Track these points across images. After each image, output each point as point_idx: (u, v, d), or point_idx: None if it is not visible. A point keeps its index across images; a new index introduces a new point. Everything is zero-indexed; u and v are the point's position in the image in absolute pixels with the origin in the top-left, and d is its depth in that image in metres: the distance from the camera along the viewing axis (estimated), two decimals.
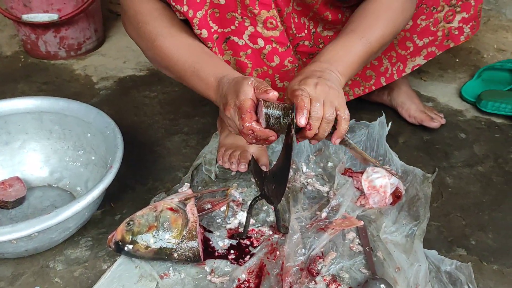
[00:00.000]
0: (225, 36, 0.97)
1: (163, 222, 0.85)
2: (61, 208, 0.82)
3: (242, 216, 0.99)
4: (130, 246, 0.85)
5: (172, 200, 0.90)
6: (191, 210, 0.89)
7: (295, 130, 0.76)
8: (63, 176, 1.08)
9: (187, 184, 1.05)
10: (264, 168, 1.08)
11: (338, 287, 0.84)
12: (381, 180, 1.00)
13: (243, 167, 1.09)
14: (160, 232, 0.85)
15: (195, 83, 0.89)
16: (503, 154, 1.20)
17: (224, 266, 0.88)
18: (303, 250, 0.89)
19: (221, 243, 0.93)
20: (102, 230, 0.97)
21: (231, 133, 1.11)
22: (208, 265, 0.88)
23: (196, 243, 0.85)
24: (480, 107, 1.34)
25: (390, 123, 1.19)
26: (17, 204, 1.02)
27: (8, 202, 1.00)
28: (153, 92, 1.47)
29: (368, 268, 0.87)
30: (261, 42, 0.98)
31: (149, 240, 0.84)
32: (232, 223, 0.98)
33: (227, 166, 1.12)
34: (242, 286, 0.84)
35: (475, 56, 1.67)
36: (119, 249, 0.86)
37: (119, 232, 0.86)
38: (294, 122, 0.75)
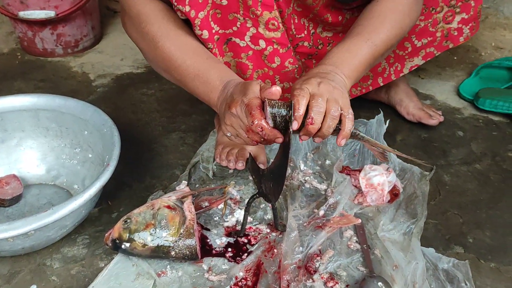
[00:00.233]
0: (226, 37, 0.96)
1: (160, 220, 0.85)
2: (58, 206, 0.82)
3: (239, 214, 0.98)
4: (127, 244, 0.84)
5: (170, 198, 0.90)
6: (188, 208, 0.89)
7: (299, 127, 0.76)
8: (60, 174, 1.08)
9: (184, 182, 1.05)
10: (261, 166, 1.08)
11: (335, 285, 0.84)
12: (378, 178, 1.00)
13: (240, 165, 1.09)
14: (158, 230, 0.85)
15: (196, 86, 0.88)
16: (500, 152, 1.20)
17: (222, 264, 0.88)
18: (301, 248, 0.89)
19: (218, 241, 0.93)
20: (99, 228, 0.97)
21: None
22: (206, 263, 0.88)
23: (193, 241, 0.85)
24: (478, 105, 1.34)
25: (388, 121, 1.19)
26: (13, 202, 1.02)
27: (5, 200, 1.00)
28: (150, 89, 1.47)
29: (366, 266, 0.87)
30: (262, 44, 0.98)
31: (146, 238, 0.84)
32: (230, 221, 0.98)
33: (224, 164, 1.11)
34: (240, 284, 0.84)
35: (473, 54, 1.67)
36: (116, 247, 0.85)
37: (116, 230, 0.85)
38: (292, 119, 0.75)
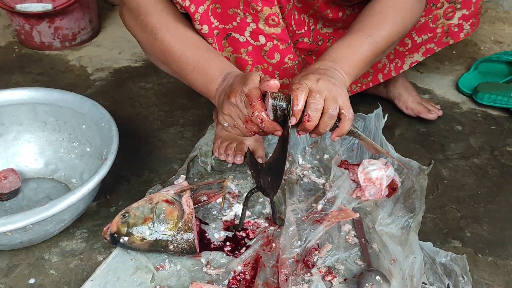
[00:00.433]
0: (226, 32, 0.96)
1: (158, 214, 0.85)
2: (56, 200, 0.82)
3: (238, 208, 0.99)
4: (126, 238, 0.84)
5: (168, 192, 0.90)
6: (186, 202, 0.89)
7: (296, 122, 0.76)
8: (58, 168, 1.08)
9: (182, 176, 1.05)
10: (260, 160, 1.07)
11: (333, 279, 0.84)
12: (377, 172, 1.00)
13: (239, 159, 1.09)
14: (156, 224, 0.85)
15: (195, 78, 0.88)
16: (499, 147, 1.20)
17: (220, 258, 0.88)
18: (299, 242, 0.89)
19: (217, 235, 0.93)
20: (98, 222, 0.97)
21: None
22: (204, 257, 0.88)
23: (191, 235, 0.85)
24: (476, 99, 1.33)
25: (387, 115, 1.19)
26: (11, 196, 1.02)
27: (3, 193, 1.00)
28: (148, 83, 1.46)
29: (364, 260, 0.87)
30: (262, 39, 0.98)
31: (144, 232, 0.84)
32: (228, 215, 0.98)
33: (223, 158, 1.11)
34: (238, 278, 0.84)
35: (472, 48, 1.66)
36: (114, 241, 0.85)
37: (115, 224, 0.85)
38: (291, 114, 0.74)
